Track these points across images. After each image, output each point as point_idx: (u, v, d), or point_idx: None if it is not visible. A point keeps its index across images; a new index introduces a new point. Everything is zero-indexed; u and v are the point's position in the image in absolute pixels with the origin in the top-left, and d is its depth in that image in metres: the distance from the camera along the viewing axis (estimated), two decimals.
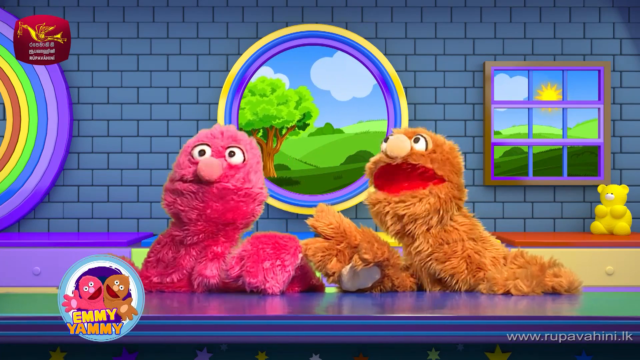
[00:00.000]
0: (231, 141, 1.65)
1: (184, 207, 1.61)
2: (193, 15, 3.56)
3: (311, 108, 3.53)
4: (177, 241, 1.65)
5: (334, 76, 3.54)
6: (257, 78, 3.53)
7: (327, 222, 1.62)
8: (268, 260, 1.53)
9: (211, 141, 1.64)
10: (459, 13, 3.58)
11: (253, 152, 1.68)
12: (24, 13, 3.50)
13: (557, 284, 1.56)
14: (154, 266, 1.65)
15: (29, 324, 1.30)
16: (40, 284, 2.96)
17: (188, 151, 1.64)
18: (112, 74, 3.55)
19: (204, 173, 1.58)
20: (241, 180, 1.63)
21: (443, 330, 1.30)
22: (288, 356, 1.36)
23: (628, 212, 3.33)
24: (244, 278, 1.52)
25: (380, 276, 1.61)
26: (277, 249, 1.55)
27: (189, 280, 1.64)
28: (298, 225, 3.57)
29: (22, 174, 3.45)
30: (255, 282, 1.51)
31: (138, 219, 3.55)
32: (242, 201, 1.63)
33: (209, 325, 1.31)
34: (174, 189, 1.63)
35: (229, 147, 1.64)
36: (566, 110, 3.56)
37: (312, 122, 3.53)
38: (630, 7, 3.57)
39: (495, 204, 3.56)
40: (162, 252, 1.66)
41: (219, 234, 1.63)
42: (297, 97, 3.53)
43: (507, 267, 1.62)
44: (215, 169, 1.59)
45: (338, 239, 1.61)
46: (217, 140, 1.64)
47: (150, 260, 1.67)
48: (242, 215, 1.64)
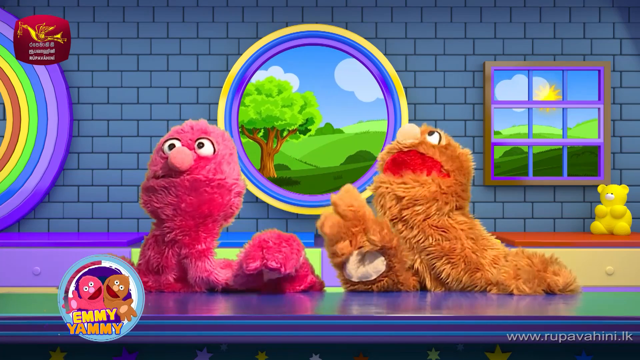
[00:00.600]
0: (200, 133, 1.66)
1: (159, 203, 1.62)
2: (193, 15, 3.56)
3: (315, 114, 3.53)
4: (159, 241, 1.65)
5: (357, 77, 3.54)
6: (266, 77, 3.53)
7: (349, 204, 1.61)
8: (284, 246, 1.54)
9: (180, 135, 1.65)
10: (459, 13, 3.58)
11: (225, 143, 1.68)
12: (24, 13, 3.50)
13: (553, 283, 1.56)
14: (144, 273, 1.65)
15: (29, 324, 1.30)
16: (40, 284, 2.96)
17: (159, 147, 1.66)
18: (112, 74, 3.55)
19: (174, 161, 1.58)
20: (212, 171, 1.62)
21: (443, 330, 1.30)
22: (288, 356, 1.36)
23: (628, 212, 3.33)
24: (267, 262, 1.51)
25: (385, 269, 1.60)
26: (280, 239, 1.55)
27: (187, 280, 1.64)
28: (298, 225, 3.57)
29: (22, 174, 3.45)
30: (280, 259, 1.52)
31: (138, 219, 3.55)
32: (216, 192, 1.62)
33: (209, 325, 1.31)
34: (148, 187, 1.64)
35: (198, 139, 1.64)
36: (566, 110, 3.57)
37: (315, 127, 3.53)
38: (630, 7, 3.57)
39: (495, 204, 3.56)
40: (148, 254, 1.66)
41: (199, 229, 1.62)
42: (303, 102, 3.53)
43: (510, 263, 1.62)
44: (185, 158, 1.59)
45: (355, 222, 1.60)
46: (187, 134, 1.65)
47: (140, 265, 1.67)
48: (218, 207, 1.63)
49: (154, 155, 1.67)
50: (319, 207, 3.51)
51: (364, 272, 1.60)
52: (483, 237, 1.68)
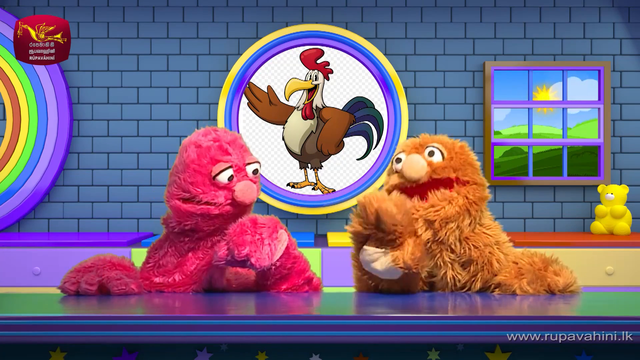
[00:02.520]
0: (245, 153, 1.65)
1: (206, 225, 1.61)
2: (193, 15, 3.56)
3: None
4: (181, 248, 1.65)
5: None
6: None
7: (395, 222, 1.52)
8: (249, 235, 1.52)
9: (229, 159, 1.61)
10: (459, 13, 3.58)
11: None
12: (24, 13, 3.50)
13: (553, 283, 1.56)
14: (154, 273, 1.65)
15: (29, 324, 1.30)
16: (40, 284, 2.96)
17: (205, 173, 1.59)
18: (112, 74, 3.55)
19: (243, 198, 1.59)
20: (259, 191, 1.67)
21: (443, 330, 1.30)
22: (288, 356, 1.36)
23: (628, 212, 3.33)
24: (232, 251, 1.51)
25: (398, 277, 1.56)
26: (255, 226, 1.55)
27: (190, 280, 1.64)
28: (298, 225, 3.57)
29: (22, 174, 3.45)
30: (244, 251, 1.50)
31: (138, 219, 3.55)
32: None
33: (209, 325, 1.31)
34: (193, 213, 1.59)
35: (248, 164, 1.63)
36: (566, 110, 3.57)
37: None
38: (630, 7, 3.57)
39: (495, 204, 3.56)
40: (164, 259, 1.65)
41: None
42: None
43: (510, 262, 1.62)
44: (252, 194, 1.60)
45: (391, 237, 1.56)
46: (233, 158, 1.62)
47: (149, 266, 1.66)
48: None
49: (197, 179, 1.59)
50: (319, 207, 3.51)
51: (390, 270, 1.54)
52: (504, 241, 1.68)
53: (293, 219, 3.57)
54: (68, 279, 1.56)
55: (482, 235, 1.62)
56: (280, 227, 1.58)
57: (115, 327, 1.30)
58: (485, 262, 1.61)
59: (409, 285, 1.58)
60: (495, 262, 1.61)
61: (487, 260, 1.61)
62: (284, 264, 1.59)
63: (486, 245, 1.62)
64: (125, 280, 1.54)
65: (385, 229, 1.51)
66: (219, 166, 1.59)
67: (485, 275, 1.61)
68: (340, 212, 3.56)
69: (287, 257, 1.59)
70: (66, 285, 1.55)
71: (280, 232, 1.57)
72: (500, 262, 1.62)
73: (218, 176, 1.58)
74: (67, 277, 1.57)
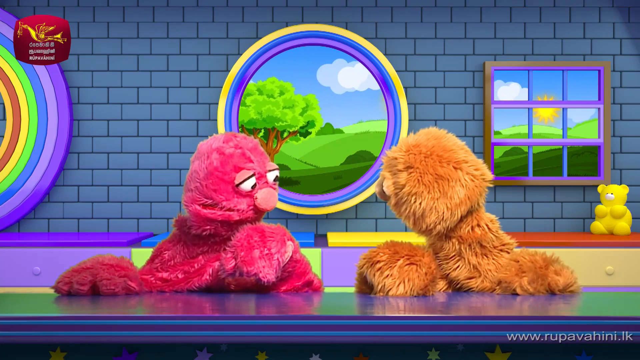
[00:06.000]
0: (266, 159, 1.68)
1: (225, 231, 1.64)
2: (193, 15, 3.56)
3: (316, 117, 3.53)
4: (194, 251, 1.66)
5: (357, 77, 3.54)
6: (268, 78, 3.53)
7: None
8: (257, 249, 1.53)
9: (251, 167, 1.64)
10: (459, 13, 3.58)
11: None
12: (24, 13, 3.50)
13: (553, 282, 1.56)
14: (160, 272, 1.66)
15: (29, 324, 1.30)
16: (40, 284, 2.96)
17: (228, 180, 1.62)
18: (112, 74, 3.55)
19: (265, 205, 1.63)
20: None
21: (443, 330, 1.30)
22: (288, 356, 1.36)
23: (628, 212, 3.33)
24: (241, 269, 1.51)
25: None
26: (264, 238, 1.55)
27: (190, 279, 1.64)
28: (298, 225, 3.57)
29: (22, 174, 3.45)
30: (253, 270, 1.51)
31: (138, 219, 3.55)
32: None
33: (209, 325, 1.31)
34: (214, 219, 1.62)
35: (269, 171, 1.66)
36: (566, 110, 3.57)
37: (315, 130, 3.53)
38: (630, 7, 3.57)
39: (495, 204, 3.56)
40: (174, 259, 1.67)
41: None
42: (304, 104, 3.53)
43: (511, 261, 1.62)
44: (274, 201, 1.64)
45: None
46: (255, 165, 1.65)
47: (156, 266, 1.67)
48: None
49: (220, 186, 1.61)
50: (319, 207, 3.51)
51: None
52: (504, 242, 1.69)
53: (293, 219, 3.57)
54: (62, 279, 1.57)
55: (485, 234, 1.70)
56: (288, 239, 1.59)
57: (115, 327, 1.30)
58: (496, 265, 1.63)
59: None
60: (500, 268, 1.63)
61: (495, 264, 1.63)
62: (285, 267, 1.59)
63: (488, 245, 1.67)
64: (115, 280, 1.55)
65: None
66: (243, 174, 1.61)
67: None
68: (340, 212, 3.56)
69: (289, 261, 1.60)
70: (59, 285, 1.57)
71: (288, 244, 1.58)
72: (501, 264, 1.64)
73: (242, 184, 1.61)
74: (61, 277, 1.58)
